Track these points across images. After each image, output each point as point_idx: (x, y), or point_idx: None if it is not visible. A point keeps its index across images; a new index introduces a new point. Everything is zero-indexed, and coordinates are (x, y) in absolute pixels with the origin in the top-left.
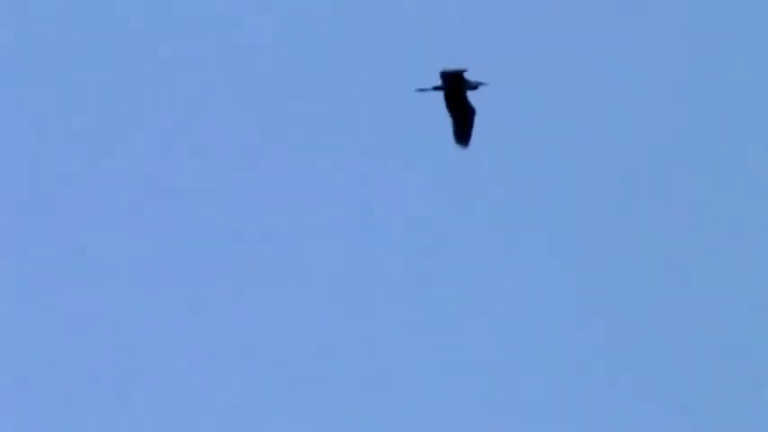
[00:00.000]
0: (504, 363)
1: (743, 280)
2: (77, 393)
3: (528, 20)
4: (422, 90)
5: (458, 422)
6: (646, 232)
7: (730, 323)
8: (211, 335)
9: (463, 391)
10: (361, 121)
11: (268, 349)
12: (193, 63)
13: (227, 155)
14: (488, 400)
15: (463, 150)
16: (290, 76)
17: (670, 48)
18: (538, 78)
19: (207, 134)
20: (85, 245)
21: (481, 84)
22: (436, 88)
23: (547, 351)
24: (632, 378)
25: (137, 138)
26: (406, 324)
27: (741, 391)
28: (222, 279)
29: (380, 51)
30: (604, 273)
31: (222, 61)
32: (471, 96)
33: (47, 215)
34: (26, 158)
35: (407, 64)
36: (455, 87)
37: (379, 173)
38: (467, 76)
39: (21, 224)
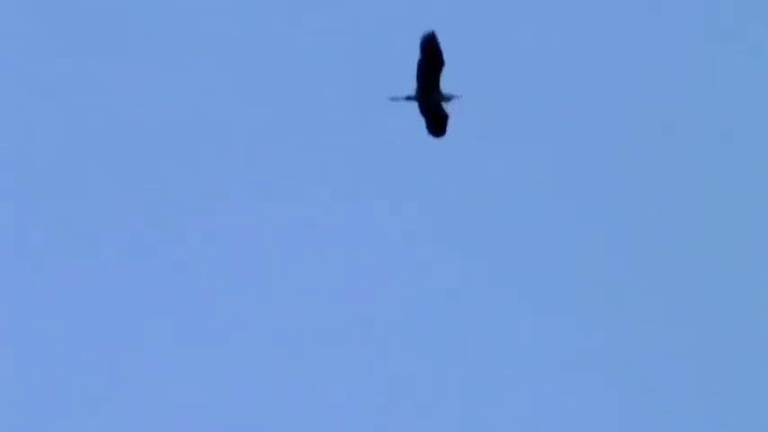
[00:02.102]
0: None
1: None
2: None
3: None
4: (395, 99)
5: None
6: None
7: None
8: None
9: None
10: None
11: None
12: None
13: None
14: None
15: (437, 139)
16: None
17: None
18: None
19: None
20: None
21: (454, 96)
22: (409, 98)
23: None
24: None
25: None
26: None
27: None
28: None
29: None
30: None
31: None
32: (445, 106)
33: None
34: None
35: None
36: (431, 79)
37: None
38: (442, 89)
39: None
